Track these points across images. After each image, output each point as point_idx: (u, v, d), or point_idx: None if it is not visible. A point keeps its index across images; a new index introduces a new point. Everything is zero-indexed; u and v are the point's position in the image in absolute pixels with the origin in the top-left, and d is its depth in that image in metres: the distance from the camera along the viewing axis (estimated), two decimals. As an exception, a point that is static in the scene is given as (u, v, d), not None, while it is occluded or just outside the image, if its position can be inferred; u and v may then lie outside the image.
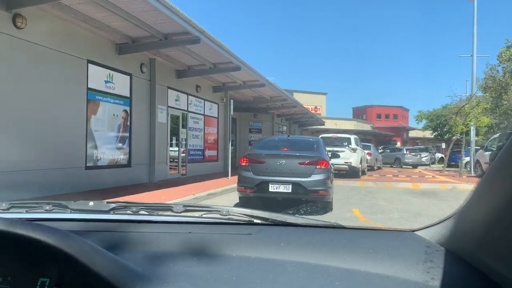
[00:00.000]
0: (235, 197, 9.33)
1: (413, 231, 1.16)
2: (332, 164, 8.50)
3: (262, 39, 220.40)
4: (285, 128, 28.59)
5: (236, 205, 8.06)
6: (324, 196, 7.40)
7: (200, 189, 10.16)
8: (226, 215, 1.34)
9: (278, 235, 1.17)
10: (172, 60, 12.45)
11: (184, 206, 1.40)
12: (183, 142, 14.44)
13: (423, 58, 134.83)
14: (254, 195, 7.48)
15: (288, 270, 0.89)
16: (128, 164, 11.09)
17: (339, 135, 18.55)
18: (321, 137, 12.64)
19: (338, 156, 14.90)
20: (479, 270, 0.83)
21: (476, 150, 20.89)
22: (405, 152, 30.56)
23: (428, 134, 42.74)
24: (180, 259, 0.96)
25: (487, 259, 0.80)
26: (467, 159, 21.73)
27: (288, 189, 7.28)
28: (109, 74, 10.36)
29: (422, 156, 30.71)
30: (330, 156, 8.91)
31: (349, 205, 8.63)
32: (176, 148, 14.21)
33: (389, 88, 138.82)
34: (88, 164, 9.57)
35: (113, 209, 1.39)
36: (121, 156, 10.85)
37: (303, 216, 1.69)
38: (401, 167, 28.54)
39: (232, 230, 1.24)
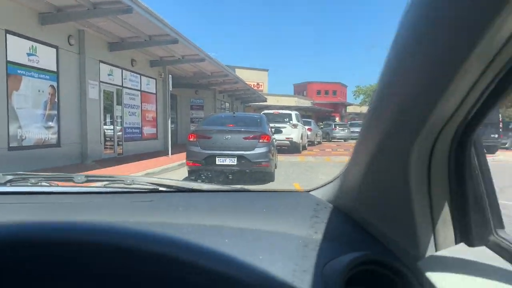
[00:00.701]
0: (175, 176, 9.05)
1: (309, 191, 1.23)
2: (274, 139, 9.07)
3: (203, 13, 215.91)
4: (227, 104, 28.31)
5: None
6: (266, 167, 8.06)
7: (137, 168, 9.73)
8: (130, 184, 1.33)
9: (180, 200, 1.19)
10: (104, 31, 11.63)
11: (86, 176, 1.39)
12: (119, 120, 13.74)
13: (362, 34, 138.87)
14: (202, 168, 7.99)
15: (182, 232, 0.90)
16: (58, 144, 10.35)
17: (280, 111, 18.65)
18: (263, 113, 12.90)
19: (280, 132, 15.03)
20: (357, 222, 0.93)
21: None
22: (333, 127, 32.01)
23: (365, 109, 44.31)
24: None
25: (363, 213, 0.91)
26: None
27: (233, 161, 7.88)
28: (32, 46, 9.47)
29: (352, 130, 32.03)
30: (273, 131, 9.47)
31: (290, 180, 8.69)
32: (111, 126, 13.49)
33: (329, 64, 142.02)
34: (11, 145, 8.79)
35: (10, 181, 1.35)
36: (49, 135, 10.08)
37: (213, 183, 1.67)
38: (330, 141, 29.70)
39: (135, 198, 1.23)
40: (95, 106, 11.89)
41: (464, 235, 0.71)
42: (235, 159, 7.87)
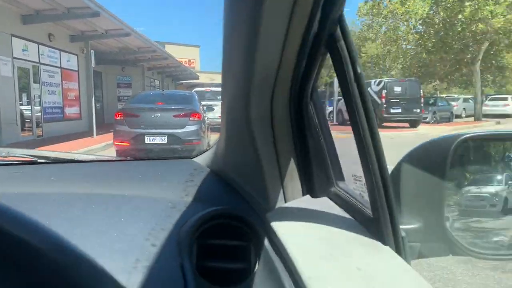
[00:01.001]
0: (99, 156, 8.71)
1: (192, 157, 1.29)
2: (206, 117, 9.21)
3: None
4: (157, 82, 27.50)
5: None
6: (198, 145, 7.95)
7: (59, 151, 9.19)
8: (5, 157, 1.31)
9: (55, 171, 1.17)
10: (14, 2, 10.65)
11: None
12: (37, 99, 12.81)
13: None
14: (131, 147, 7.80)
15: (50, 201, 0.89)
16: (-34, 126, 9.48)
17: (212, 88, 18.45)
18: (194, 91, 12.75)
19: (213, 110, 14.97)
20: (228, 183, 1.01)
21: (339, 100, 22.68)
22: None
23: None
24: None
25: (231, 174, 0.99)
26: (330, 108, 23.57)
27: (164, 140, 7.78)
28: None
29: None
30: (205, 109, 9.64)
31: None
32: (29, 107, 12.55)
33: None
34: None
35: None
36: (-46, 117, 9.19)
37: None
38: None
39: (8, 170, 1.19)
40: (8, 84, 10.97)
41: (309, 187, 0.78)
42: (165, 137, 7.77)
